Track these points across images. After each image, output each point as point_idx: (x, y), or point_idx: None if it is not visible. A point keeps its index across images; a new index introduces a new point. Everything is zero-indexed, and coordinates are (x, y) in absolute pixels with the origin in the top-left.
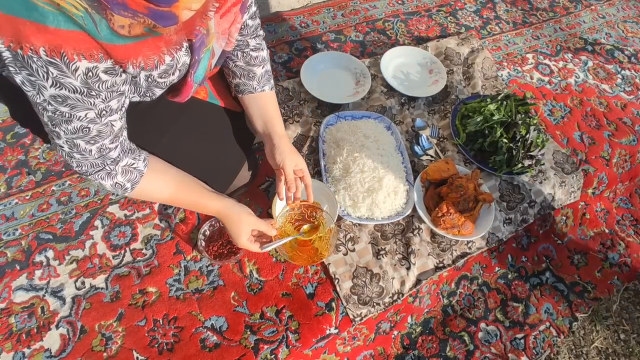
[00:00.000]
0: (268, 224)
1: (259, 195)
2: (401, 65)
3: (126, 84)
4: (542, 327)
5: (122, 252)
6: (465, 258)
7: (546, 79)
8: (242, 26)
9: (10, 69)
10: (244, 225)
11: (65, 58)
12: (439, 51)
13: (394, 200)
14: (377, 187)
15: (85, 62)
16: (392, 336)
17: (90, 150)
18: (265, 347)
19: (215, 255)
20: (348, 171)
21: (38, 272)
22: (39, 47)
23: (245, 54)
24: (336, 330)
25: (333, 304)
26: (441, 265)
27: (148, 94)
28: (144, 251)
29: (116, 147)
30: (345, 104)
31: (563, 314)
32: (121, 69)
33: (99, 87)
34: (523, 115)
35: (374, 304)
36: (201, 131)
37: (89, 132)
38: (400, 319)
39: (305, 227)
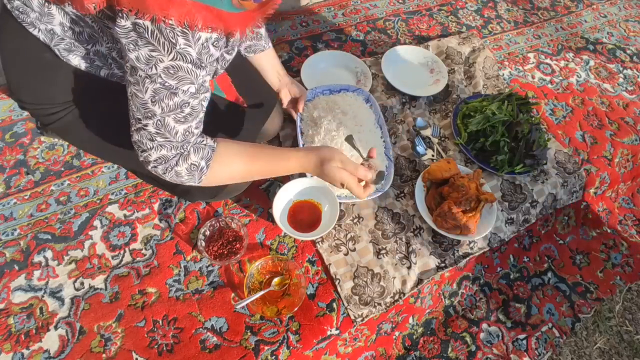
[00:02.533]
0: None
1: (260, 195)
2: (402, 64)
3: (218, 62)
4: (544, 328)
5: (122, 252)
6: (467, 258)
7: (548, 78)
8: None
9: (132, 46)
10: (339, 167)
11: (196, 28)
12: (440, 50)
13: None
14: None
15: (205, 33)
16: (394, 337)
17: (177, 132)
18: (266, 348)
19: (215, 255)
20: None
21: (37, 273)
22: (177, 20)
23: None
24: (337, 331)
25: (334, 305)
26: (443, 265)
27: (214, 74)
28: (143, 251)
29: (198, 133)
30: None
31: (565, 314)
32: (222, 43)
33: (206, 59)
34: (525, 115)
35: (375, 304)
36: (208, 122)
37: (184, 109)
38: (402, 319)
39: (276, 279)
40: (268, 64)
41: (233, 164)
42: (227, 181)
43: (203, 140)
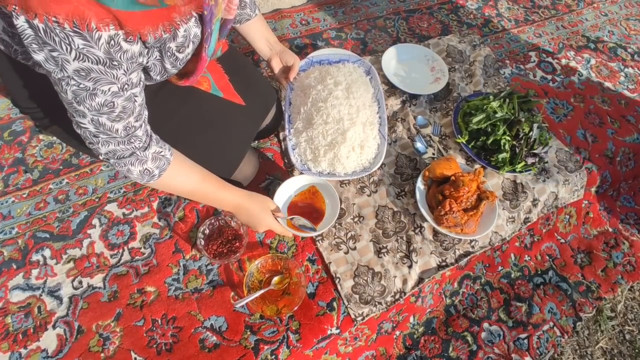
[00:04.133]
0: (283, 227)
1: (259, 194)
2: (402, 62)
3: (143, 57)
4: (545, 327)
5: (120, 251)
6: (468, 257)
7: (549, 76)
8: None
9: (34, 46)
10: (266, 216)
11: (89, 27)
12: (440, 49)
13: (360, 155)
14: (340, 141)
15: (106, 32)
16: (394, 336)
17: (117, 130)
18: (266, 347)
19: (214, 254)
20: (311, 122)
21: (35, 272)
22: (63, 18)
23: None
24: (337, 331)
25: (334, 304)
26: (444, 264)
27: (166, 74)
28: (142, 250)
29: (141, 125)
30: None
31: (567, 313)
32: (138, 38)
33: (120, 57)
34: (526, 113)
35: (376, 303)
36: (202, 122)
37: (113, 108)
38: (403, 319)
39: (276, 278)
40: (256, 32)
41: (181, 180)
42: (170, 191)
43: (162, 151)
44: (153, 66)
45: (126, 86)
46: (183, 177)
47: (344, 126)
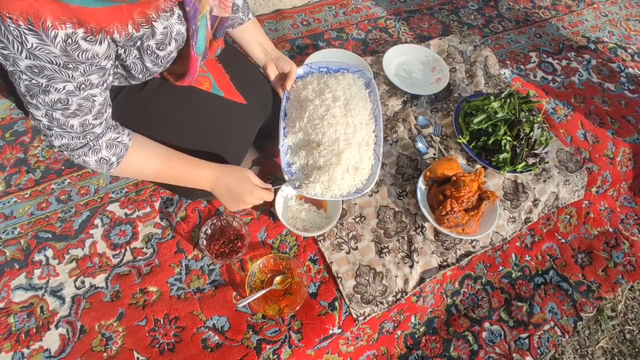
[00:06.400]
0: (267, 190)
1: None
2: (403, 63)
3: (109, 59)
4: (546, 327)
5: (123, 251)
6: (469, 257)
7: (549, 77)
8: None
9: None
10: (247, 184)
11: (44, 25)
12: (441, 49)
13: (354, 177)
14: (334, 162)
15: (63, 31)
16: (396, 336)
17: (72, 125)
18: (268, 347)
19: (216, 254)
20: (306, 140)
21: (37, 272)
22: (17, 15)
23: None
24: (339, 330)
25: (336, 304)
26: (445, 263)
27: (148, 72)
28: (144, 250)
29: (100, 123)
30: None
31: (567, 313)
32: (102, 37)
33: (78, 56)
34: (527, 113)
35: (378, 303)
36: (203, 121)
37: (68, 105)
38: (404, 318)
39: (278, 278)
40: (250, 38)
41: (143, 163)
42: (135, 177)
43: (118, 137)
44: (133, 65)
45: (83, 86)
46: (145, 160)
47: (339, 147)
